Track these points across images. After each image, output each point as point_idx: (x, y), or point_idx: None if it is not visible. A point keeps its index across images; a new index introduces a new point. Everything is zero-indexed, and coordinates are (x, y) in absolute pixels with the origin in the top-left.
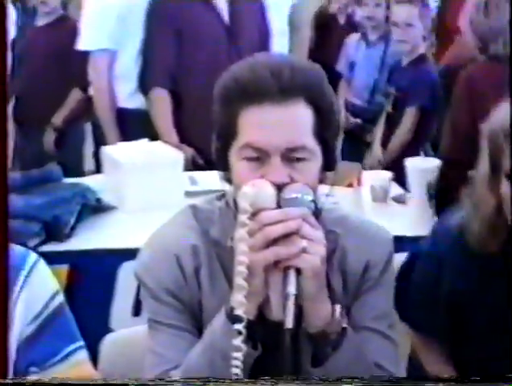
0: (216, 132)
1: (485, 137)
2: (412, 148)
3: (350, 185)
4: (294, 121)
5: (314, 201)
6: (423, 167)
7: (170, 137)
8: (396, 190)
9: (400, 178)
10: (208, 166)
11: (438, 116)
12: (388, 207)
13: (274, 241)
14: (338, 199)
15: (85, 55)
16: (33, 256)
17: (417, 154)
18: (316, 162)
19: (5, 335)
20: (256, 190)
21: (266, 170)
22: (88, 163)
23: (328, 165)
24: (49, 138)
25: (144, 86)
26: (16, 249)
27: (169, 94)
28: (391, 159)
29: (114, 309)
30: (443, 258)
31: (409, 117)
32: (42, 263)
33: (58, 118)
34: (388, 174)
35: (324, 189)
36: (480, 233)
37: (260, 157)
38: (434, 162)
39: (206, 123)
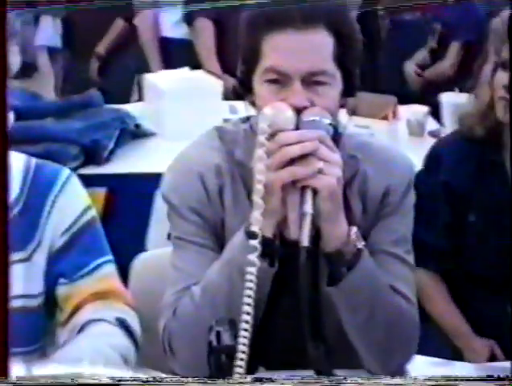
0: (241, 57)
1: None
2: (452, 83)
3: (385, 118)
4: (315, 47)
5: (333, 125)
6: (458, 102)
7: (212, 66)
8: (432, 124)
9: (436, 113)
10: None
11: (483, 52)
12: (424, 142)
13: (292, 162)
14: (372, 131)
15: None
16: (66, 171)
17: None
18: (336, 87)
19: (5, 335)
20: (275, 111)
21: (286, 93)
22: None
23: (349, 91)
24: (93, 66)
25: (189, 16)
26: (50, 165)
27: (213, 24)
28: (427, 88)
29: (150, 232)
30: (442, 162)
31: (452, 51)
32: (75, 178)
33: (101, 47)
34: (424, 109)
35: (344, 115)
36: (471, 116)
37: (281, 80)
38: (469, 97)
39: None
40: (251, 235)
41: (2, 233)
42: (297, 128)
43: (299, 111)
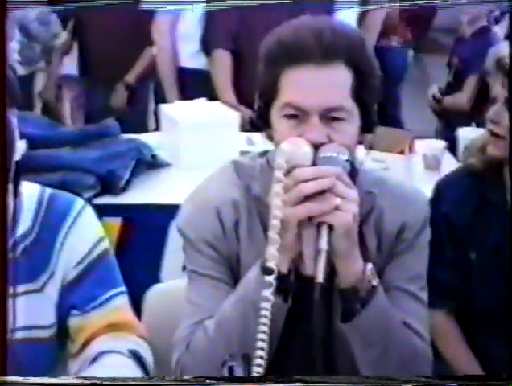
0: (259, 91)
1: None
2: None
3: (402, 152)
4: (333, 83)
5: (350, 161)
6: (474, 137)
7: (229, 97)
8: (449, 159)
9: (453, 148)
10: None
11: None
12: (440, 176)
13: (308, 198)
14: (389, 165)
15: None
16: (80, 201)
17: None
18: (354, 123)
19: (4, 335)
20: (292, 147)
21: (304, 128)
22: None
23: (367, 127)
24: (120, 95)
25: (207, 47)
26: (64, 195)
27: (231, 55)
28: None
29: (165, 263)
30: (444, 195)
31: (468, 85)
32: (89, 209)
33: (131, 76)
34: (441, 144)
35: (362, 151)
36: (472, 150)
37: (299, 116)
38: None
39: None
40: (267, 271)
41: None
42: (314, 164)
43: (316, 147)
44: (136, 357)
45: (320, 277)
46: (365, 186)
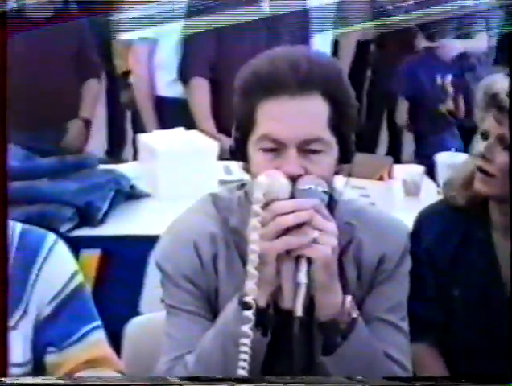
0: (235, 123)
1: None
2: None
3: (381, 178)
4: (310, 114)
5: (328, 192)
6: (453, 162)
7: (207, 125)
8: (429, 184)
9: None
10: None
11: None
12: (420, 202)
13: (286, 231)
14: (368, 191)
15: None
16: (51, 237)
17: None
18: (332, 154)
19: (4, 336)
20: (270, 180)
21: (281, 161)
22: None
23: (345, 157)
24: (77, 131)
25: (184, 75)
26: (35, 231)
27: (208, 83)
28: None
29: (144, 294)
30: (425, 228)
31: None
32: (61, 244)
33: (85, 110)
34: (420, 169)
35: (341, 181)
36: (454, 184)
37: (277, 148)
38: (464, 158)
39: None
40: (245, 305)
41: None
42: (292, 196)
43: (293, 179)
44: None
45: (299, 311)
46: (344, 216)
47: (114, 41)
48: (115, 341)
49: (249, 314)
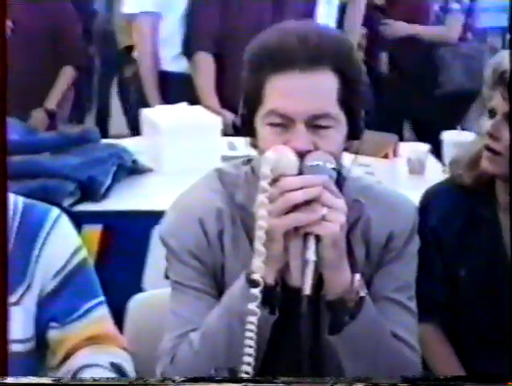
0: (243, 97)
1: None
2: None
3: (386, 156)
4: (319, 89)
5: (336, 169)
6: (459, 140)
7: (211, 100)
8: (433, 163)
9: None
10: None
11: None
12: (424, 180)
13: (294, 208)
14: (373, 169)
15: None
16: (55, 211)
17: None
18: (341, 130)
19: (4, 336)
20: (278, 155)
21: (289, 136)
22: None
23: (354, 134)
24: (40, 122)
25: (188, 49)
26: (38, 205)
27: (213, 58)
28: None
29: (147, 270)
30: (431, 208)
31: None
32: (64, 218)
33: (52, 100)
34: (425, 147)
35: (350, 157)
36: (460, 163)
37: (285, 123)
38: (470, 136)
39: None
40: (253, 283)
41: None
42: (300, 173)
43: (302, 155)
44: (118, 370)
45: (308, 289)
46: (352, 194)
47: (117, 15)
48: (117, 317)
49: (256, 291)
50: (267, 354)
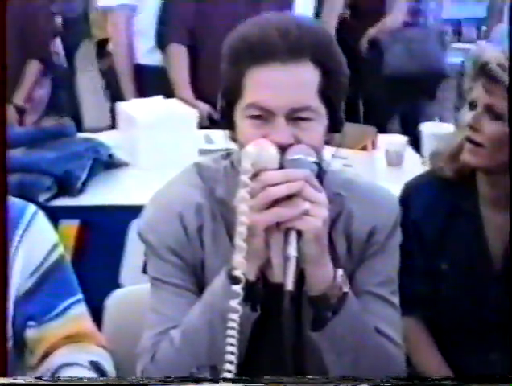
0: (222, 90)
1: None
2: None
3: (364, 148)
4: (300, 82)
5: (317, 163)
6: (437, 132)
7: (185, 92)
8: (411, 154)
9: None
10: None
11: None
12: (402, 172)
13: (276, 202)
14: (351, 162)
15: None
16: (31, 208)
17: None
18: (322, 123)
19: (4, 336)
20: (258, 149)
21: (269, 130)
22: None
23: (335, 126)
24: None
25: (161, 41)
26: (15, 202)
27: (186, 50)
28: None
29: (124, 265)
30: (412, 201)
31: None
32: (41, 215)
33: (19, 96)
34: (403, 139)
35: (330, 151)
36: (441, 155)
37: (264, 116)
38: (449, 128)
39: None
40: (234, 279)
41: None
42: (281, 167)
43: (282, 148)
44: (97, 368)
45: (290, 285)
46: (333, 188)
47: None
48: (95, 313)
49: (237, 288)
50: (248, 351)
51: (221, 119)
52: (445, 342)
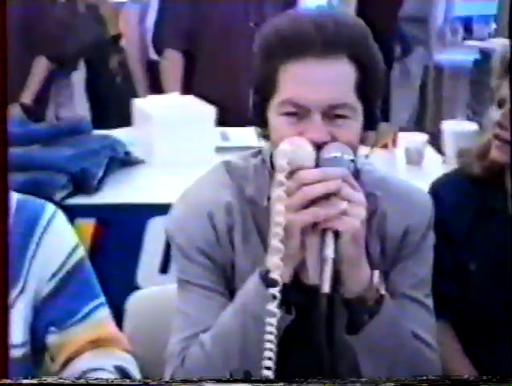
0: (254, 86)
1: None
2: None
3: (385, 146)
4: (336, 78)
5: (354, 161)
6: (459, 130)
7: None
8: (431, 153)
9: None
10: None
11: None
12: (422, 170)
13: (313, 202)
14: (372, 159)
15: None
16: (50, 207)
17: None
18: (358, 120)
19: (5, 335)
20: (294, 147)
21: (305, 127)
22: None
23: (370, 124)
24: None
25: (158, 46)
26: (33, 201)
27: (182, 56)
28: None
29: (141, 265)
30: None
31: None
32: (60, 215)
33: (26, 95)
34: (424, 137)
35: (364, 149)
36: (470, 152)
37: (300, 113)
38: (471, 126)
39: (219, 84)
40: (271, 282)
41: None
42: (317, 165)
43: (318, 147)
44: (122, 373)
45: (327, 288)
46: (367, 187)
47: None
48: (114, 314)
49: (275, 291)
50: (280, 354)
51: (253, 116)
52: (472, 343)
